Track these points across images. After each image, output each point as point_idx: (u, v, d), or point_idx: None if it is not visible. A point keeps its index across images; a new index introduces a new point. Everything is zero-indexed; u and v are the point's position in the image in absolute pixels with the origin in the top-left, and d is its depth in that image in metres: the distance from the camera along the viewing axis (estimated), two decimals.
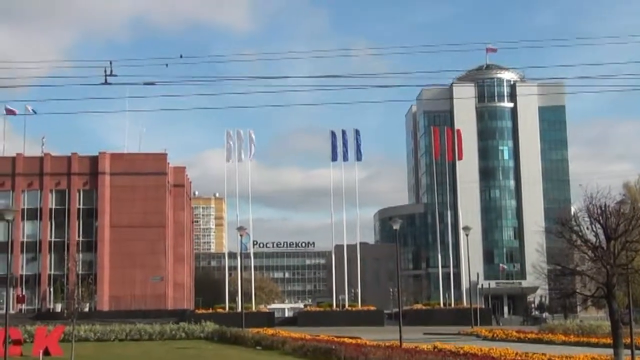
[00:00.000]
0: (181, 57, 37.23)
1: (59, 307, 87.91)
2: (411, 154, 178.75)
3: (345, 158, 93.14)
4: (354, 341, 44.13)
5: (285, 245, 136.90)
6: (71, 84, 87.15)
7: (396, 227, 48.38)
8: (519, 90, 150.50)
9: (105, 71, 33.35)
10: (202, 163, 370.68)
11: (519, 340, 51.97)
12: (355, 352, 36.97)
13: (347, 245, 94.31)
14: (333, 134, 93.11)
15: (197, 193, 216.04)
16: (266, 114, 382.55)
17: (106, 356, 44.50)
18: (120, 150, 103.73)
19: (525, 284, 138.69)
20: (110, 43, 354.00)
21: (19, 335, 46.42)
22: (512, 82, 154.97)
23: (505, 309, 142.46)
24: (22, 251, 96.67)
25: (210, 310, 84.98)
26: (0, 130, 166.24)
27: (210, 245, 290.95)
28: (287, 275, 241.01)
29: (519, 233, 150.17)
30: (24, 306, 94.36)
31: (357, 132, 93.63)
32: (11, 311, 75.14)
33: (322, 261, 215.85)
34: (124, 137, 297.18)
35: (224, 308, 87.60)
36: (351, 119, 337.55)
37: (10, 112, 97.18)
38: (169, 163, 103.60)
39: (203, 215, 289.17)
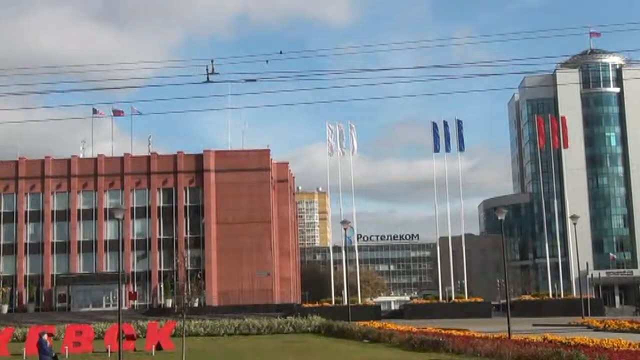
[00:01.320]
0: (281, 53, 37.58)
1: (169, 303, 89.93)
2: (515, 143, 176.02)
3: (447, 149, 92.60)
4: (461, 333, 43.76)
5: (389, 238, 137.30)
6: (175, 83, 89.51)
7: (501, 217, 47.74)
8: (625, 74, 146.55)
9: (207, 70, 33.85)
10: (304, 158, 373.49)
11: (632, 330, 50.68)
12: (463, 344, 36.70)
13: (452, 237, 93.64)
14: (435, 125, 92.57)
15: (300, 188, 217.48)
16: (367, 107, 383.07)
17: (216, 350, 45.19)
18: (224, 147, 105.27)
19: (637, 272, 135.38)
20: (213, 42, 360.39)
21: (131, 330, 47.64)
22: (617, 67, 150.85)
23: (617, 299, 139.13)
24: (132, 249, 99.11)
25: (317, 304, 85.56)
26: (108, 131, 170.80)
27: (314, 240, 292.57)
28: (392, 268, 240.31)
29: (629, 221, 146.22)
30: (135, 302, 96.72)
31: (459, 122, 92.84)
32: (123, 307, 77.10)
33: (427, 253, 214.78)
34: (227, 135, 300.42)
35: (330, 302, 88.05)
36: (453, 109, 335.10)
37: (117, 113, 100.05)
38: (272, 159, 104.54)
39: (307, 209, 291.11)
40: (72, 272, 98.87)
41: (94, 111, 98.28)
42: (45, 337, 29.96)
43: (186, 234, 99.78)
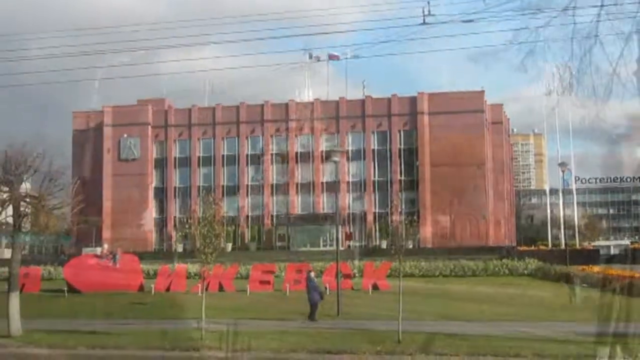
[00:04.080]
0: None
1: (384, 244, 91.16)
2: None
3: None
4: None
5: (609, 181, 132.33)
6: (390, 26, 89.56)
7: None
8: None
9: (423, 11, 33.63)
10: (519, 99, 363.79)
11: None
12: None
13: None
14: None
15: (515, 130, 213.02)
16: None
17: (432, 291, 45.51)
18: (438, 89, 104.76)
19: None
20: None
21: (348, 270, 48.99)
22: None
23: None
24: (348, 190, 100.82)
25: (533, 248, 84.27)
26: (324, 75, 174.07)
27: (530, 182, 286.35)
28: (611, 211, 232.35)
29: None
30: (351, 243, 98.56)
31: None
32: (340, 248, 78.87)
33: None
34: (441, 77, 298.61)
35: (546, 245, 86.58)
36: None
37: (333, 57, 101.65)
38: (486, 100, 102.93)
39: (522, 152, 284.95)
40: (291, 212, 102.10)
41: (310, 56, 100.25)
42: (312, 274, 31.34)
43: (400, 176, 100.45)
